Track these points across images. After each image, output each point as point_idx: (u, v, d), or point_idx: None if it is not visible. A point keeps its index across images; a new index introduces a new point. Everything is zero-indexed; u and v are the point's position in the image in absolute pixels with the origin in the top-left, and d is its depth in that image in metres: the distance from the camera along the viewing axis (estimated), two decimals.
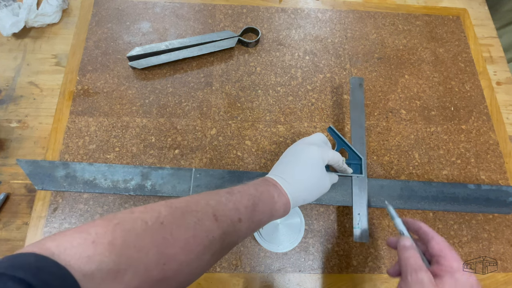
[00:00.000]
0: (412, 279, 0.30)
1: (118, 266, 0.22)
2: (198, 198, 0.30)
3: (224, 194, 0.32)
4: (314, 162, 0.38)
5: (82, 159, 0.51)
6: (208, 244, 0.28)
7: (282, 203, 0.35)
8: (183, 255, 0.26)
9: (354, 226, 0.46)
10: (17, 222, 0.48)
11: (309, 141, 0.41)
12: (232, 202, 0.31)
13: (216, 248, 0.29)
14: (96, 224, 0.24)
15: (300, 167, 0.38)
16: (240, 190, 0.33)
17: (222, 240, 0.29)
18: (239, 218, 0.31)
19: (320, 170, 0.38)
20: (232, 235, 0.30)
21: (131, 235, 0.24)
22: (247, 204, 0.32)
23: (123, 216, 0.25)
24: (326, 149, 0.39)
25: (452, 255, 0.31)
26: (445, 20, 0.69)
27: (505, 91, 0.63)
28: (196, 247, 0.27)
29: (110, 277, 0.22)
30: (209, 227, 0.28)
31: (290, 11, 0.67)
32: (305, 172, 0.37)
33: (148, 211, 0.26)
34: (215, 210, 0.29)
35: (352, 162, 0.47)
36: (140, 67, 0.57)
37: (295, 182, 0.37)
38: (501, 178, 0.55)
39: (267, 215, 0.34)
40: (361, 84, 0.54)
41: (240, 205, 0.31)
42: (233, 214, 0.30)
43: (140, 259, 0.23)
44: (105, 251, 0.22)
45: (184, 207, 0.28)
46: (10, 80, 0.57)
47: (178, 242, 0.26)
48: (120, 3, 0.65)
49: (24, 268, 0.19)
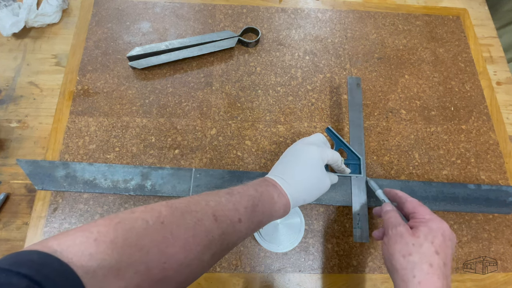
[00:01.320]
0: (392, 233, 0.35)
1: (119, 264, 0.22)
2: (198, 199, 0.30)
3: (224, 194, 0.32)
4: (313, 162, 0.38)
5: (82, 159, 0.51)
6: (207, 244, 0.28)
7: (282, 203, 0.35)
8: (183, 254, 0.26)
9: (354, 226, 0.46)
10: (17, 222, 0.48)
11: (309, 141, 0.41)
12: (232, 203, 0.31)
13: (216, 248, 0.29)
14: (98, 223, 0.24)
15: (300, 167, 0.38)
16: (240, 191, 0.33)
17: (222, 240, 0.29)
18: (239, 218, 0.31)
19: (319, 170, 0.38)
20: (232, 236, 0.30)
21: (132, 234, 0.24)
22: (247, 205, 0.32)
23: (125, 215, 0.26)
24: (325, 149, 0.40)
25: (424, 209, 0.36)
26: (445, 20, 0.69)
27: (505, 91, 0.63)
28: (196, 247, 0.27)
29: (111, 275, 0.22)
30: (209, 227, 0.28)
31: (290, 11, 0.67)
32: (305, 172, 0.38)
33: (148, 211, 0.27)
34: (214, 211, 0.29)
35: (351, 162, 0.47)
36: (140, 67, 0.57)
37: (295, 182, 0.37)
38: (501, 178, 0.55)
39: (267, 215, 0.34)
40: (359, 84, 0.54)
41: (239, 205, 0.31)
42: (232, 214, 0.30)
43: (141, 258, 0.24)
44: (107, 249, 0.22)
45: (184, 207, 0.28)
46: (10, 80, 0.57)
47: (178, 241, 0.26)
48: (120, 3, 0.65)
49: (28, 265, 0.19)
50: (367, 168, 0.54)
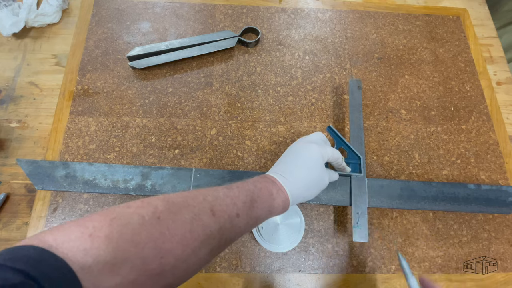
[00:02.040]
0: None
1: (114, 259, 0.22)
2: (196, 193, 0.30)
3: (222, 189, 0.32)
4: (313, 159, 0.38)
5: (82, 159, 0.51)
6: (205, 239, 0.28)
7: (281, 199, 0.35)
8: (179, 249, 0.26)
9: (353, 226, 0.46)
10: (17, 222, 0.48)
11: (309, 140, 0.41)
12: (230, 197, 0.31)
13: (214, 243, 0.29)
14: (93, 218, 0.24)
15: (299, 165, 0.38)
16: (238, 186, 0.33)
17: (220, 235, 0.29)
18: (237, 213, 0.31)
19: (319, 167, 0.38)
20: (230, 231, 0.30)
21: (128, 230, 0.24)
22: (245, 200, 0.32)
23: (120, 210, 0.26)
24: (325, 147, 0.40)
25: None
26: (445, 20, 0.69)
27: (505, 91, 0.63)
28: (193, 242, 0.27)
29: (107, 270, 0.22)
30: (206, 222, 0.28)
31: (290, 11, 0.67)
32: (304, 169, 0.38)
33: (145, 206, 0.27)
34: (212, 205, 0.29)
35: (351, 161, 0.47)
36: (140, 67, 0.57)
37: (294, 180, 0.37)
38: (501, 178, 0.55)
39: (266, 211, 0.34)
40: (360, 86, 0.55)
41: (238, 200, 0.31)
42: (230, 209, 0.30)
43: (136, 253, 0.24)
44: (102, 244, 0.22)
45: (181, 202, 0.28)
46: (10, 80, 0.57)
47: (175, 236, 0.26)
48: (120, 3, 0.65)
49: (23, 260, 0.19)
50: (367, 168, 0.54)
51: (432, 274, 0.48)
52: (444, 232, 0.50)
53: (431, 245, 0.50)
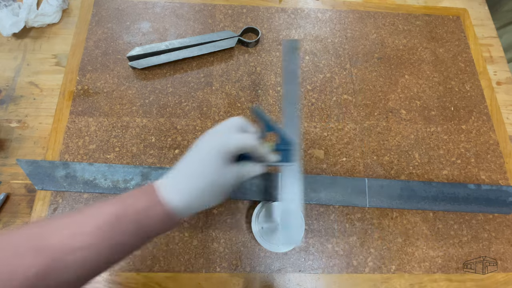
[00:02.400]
0: None
1: None
2: (23, 229, 0.26)
3: (59, 219, 0.28)
4: (210, 154, 0.31)
5: (82, 159, 0.51)
6: (24, 281, 0.23)
7: (157, 217, 0.29)
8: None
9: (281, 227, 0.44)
10: (17, 222, 0.48)
11: (214, 130, 0.33)
12: (71, 229, 0.27)
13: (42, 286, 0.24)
14: None
15: (192, 164, 0.32)
16: (90, 211, 0.28)
17: (47, 275, 0.24)
18: (80, 246, 0.26)
19: (218, 163, 0.31)
20: (69, 268, 0.25)
21: None
22: (98, 225, 0.27)
23: None
24: (230, 136, 0.32)
25: None
26: (445, 20, 0.69)
27: (505, 91, 0.63)
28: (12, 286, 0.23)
29: None
30: (28, 262, 0.24)
31: (290, 11, 0.67)
32: (197, 168, 0.31)
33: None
34: (38, 241, 0.25)
35: (281, 148, 0.37)
36: (140, 67, 0.57)
37: (187, 183, 0.30)
38: (501, 178, 0.55)
39: (133, 234, 0.28)
40: (296, 47, 0.45)
41: (84, 229, 0.27)
42: (68, 242, 0.26)
43: None
44: None
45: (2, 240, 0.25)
46: (10, 80, 0.57)
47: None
48: (120, 3, 0.65)
49: None
50: (367, 167, 0.54)
51: (432, 274, 0.48)
52: (444, 232, 0.50)
53: (431, 245, 0.50)
